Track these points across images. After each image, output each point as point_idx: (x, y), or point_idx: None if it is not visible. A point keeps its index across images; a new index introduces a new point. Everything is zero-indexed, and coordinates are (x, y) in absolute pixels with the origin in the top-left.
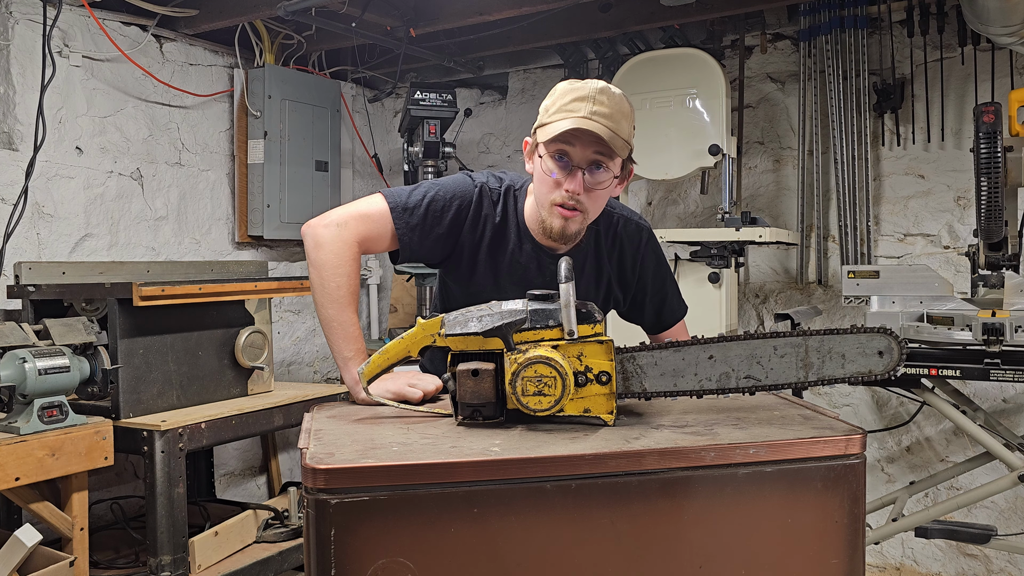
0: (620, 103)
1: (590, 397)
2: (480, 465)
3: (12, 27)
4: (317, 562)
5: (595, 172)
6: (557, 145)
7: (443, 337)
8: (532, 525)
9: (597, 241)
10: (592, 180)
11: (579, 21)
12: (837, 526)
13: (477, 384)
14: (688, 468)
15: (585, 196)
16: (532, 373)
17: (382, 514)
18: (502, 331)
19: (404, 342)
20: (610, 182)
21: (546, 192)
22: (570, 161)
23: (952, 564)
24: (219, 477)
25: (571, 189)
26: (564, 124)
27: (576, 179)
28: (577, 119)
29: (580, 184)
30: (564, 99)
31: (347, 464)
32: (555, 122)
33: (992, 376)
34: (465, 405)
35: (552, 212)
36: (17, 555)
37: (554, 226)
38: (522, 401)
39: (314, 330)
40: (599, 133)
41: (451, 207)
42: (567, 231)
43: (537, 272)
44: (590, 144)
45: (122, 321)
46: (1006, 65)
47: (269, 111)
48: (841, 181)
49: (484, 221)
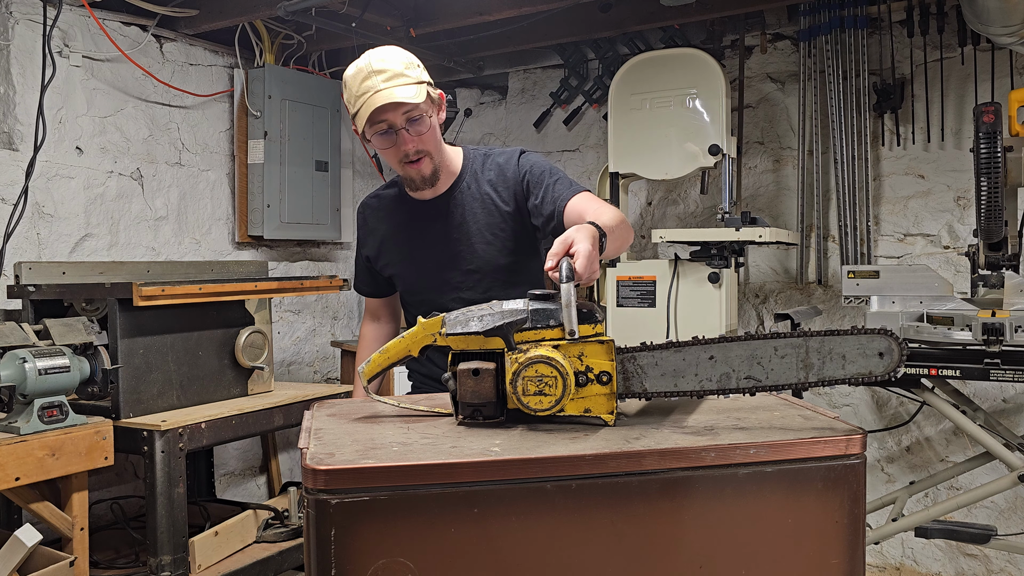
0: (395, 58)
1: (591, 397)
2: (480, 465)
3: (12, 27)
4: (317, 562)
5: (414, 124)
6: (375, 123)
7: (444, 336)
8: (532, 525)
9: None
10: (415, 131)
11: (579, 21)
12: (837, 526)
13: (478, 384)
14: (688, 468)
15: (419, 144)
16: (533, 373)
17: (382, 514)
18: (503, 330)
19: (405, 341)
20: (428, 122)
21: (393, 160)
22: (392, 128)
23: (952, 564)
24: (219, 477)
25: (406, 150)
26: (367, 109)
27: (404, 139)
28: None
29: (409, 141)
30: (355, 84)
31: (347, 465)
32: (360, 109)
33: (992, 376)
34: (466, 405)
35: (406, 170)
36: (17, 555)
37: (414, 177)
38: (523, 401)
39: (314, 330)
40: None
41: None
42: (424, 174)
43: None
44: (396, 109)
45: (122, 321)
46: (1006, 65)
47: (269, 111)
48: (841, 181)
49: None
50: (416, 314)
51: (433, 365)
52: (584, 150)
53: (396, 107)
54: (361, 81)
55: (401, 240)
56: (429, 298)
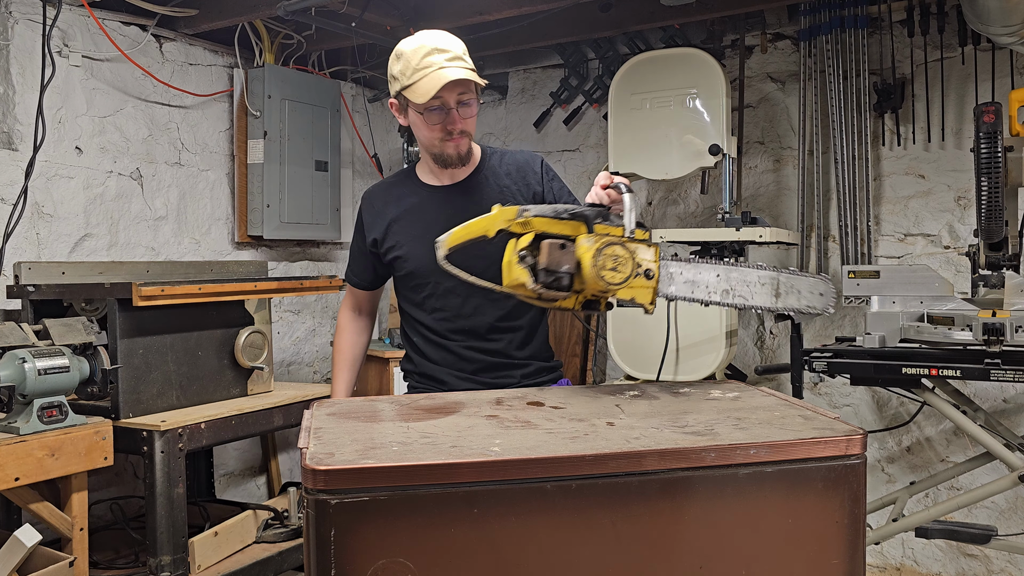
0: (455, 41)
1: (637, 288)
2: (480, 465)
3: (12, 27)
4: (317, 562)
5: (464, 105)
6: (430, 101)
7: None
8: (532, 525)
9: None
10: (465, 112)
11: (579, 21)
12: (838, 526)
13: (563, 254)
14: (688, 468)
15: (465, 124)
16: (611, 252)
17: (382, 514)
18: (586, 217)
19: (483, 222)
20: (476, 106)
21: (434, 135)
22: (444, 106)
23: (952, 564)
24: (219, 477)
25: (453, 128)
26: (430, 83)
27: (454, 117)
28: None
29: (458, 120)
30: (416, 58)
31: (347, 465)
32: (419, 81)
33: (992, 376)
34: (547, 272)
35: (444, 146)
36: (17, 555)
37: (451, 153)
38: (601, 274)
39: (313, 330)
40: (461, 78)
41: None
42: (460, 152)
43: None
44: (455, 88)
45: (122, 321)
46: (1006, 65)
47: (269, 111)
48: (841, 181)
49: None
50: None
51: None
52: (584, 150)
53: (455, 86)
54: (423, 56)
55: (412, 221)
56: (434, 280)
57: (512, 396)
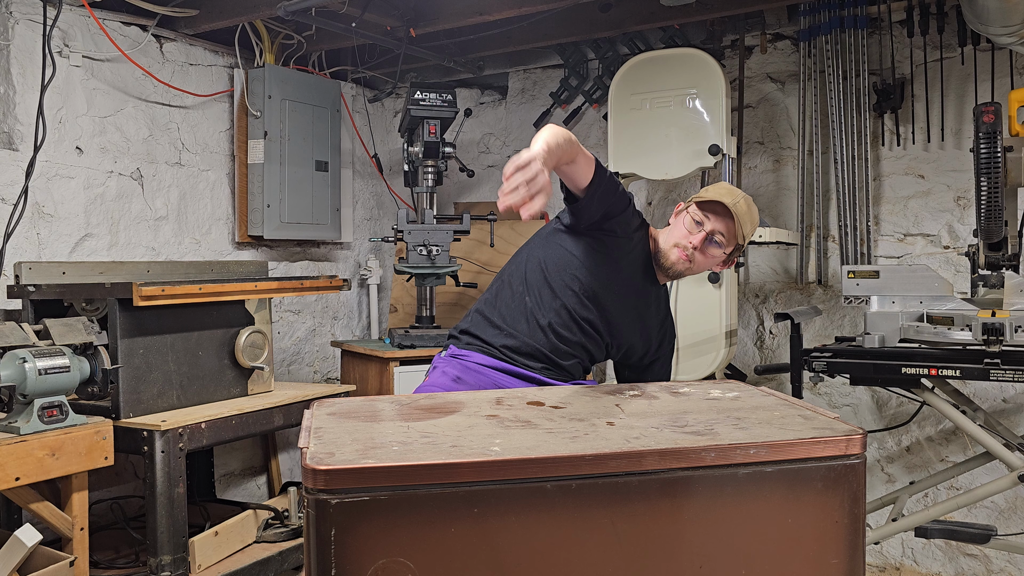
0: (752, 211)
1: None
2: (480, 465)
3: (12, 27)
4: (317, 562)
5: (713, 244)
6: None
7: None
8: (532, 525)
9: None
10: (708, 246)
11: (579, 21)
12: (837, 526)
13: None
14: (688, 468)
15: (699, 254)
16: None
17: (382, 514)
18: None
19: None
20: (718, 255)
21: (677, 237)
22: (703, 225)
23: (952, 564)
24: (219, 477)
25: (695, 243)
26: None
27: (700, 237)
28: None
29: (701, 241)
30: (720, 188)
31: (347, 465)
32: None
33: (992, 376)
34: None
35: (673, 251)
36: (17, 555)
37: (671, 258)
38: None
39: (314, 330)
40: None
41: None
42: (675, 267)
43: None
44: (722, 221)
45: (122, 321)
46: (1006, 65)
47: (269, 111)
48: (841, 181)
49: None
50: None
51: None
52: None
53: (722, 222)
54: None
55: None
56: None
57: (512, 396)
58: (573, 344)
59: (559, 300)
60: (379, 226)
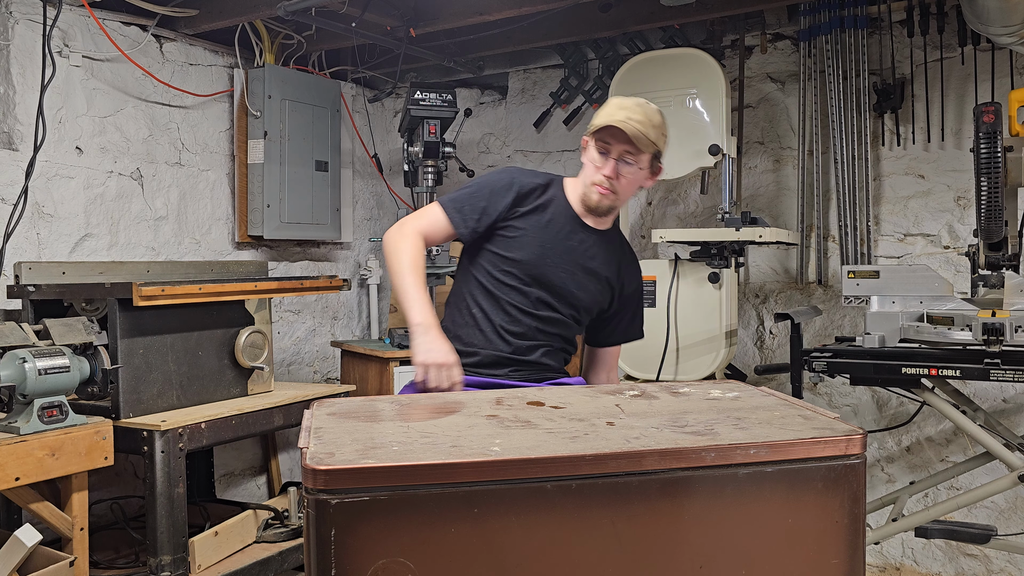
0: (652, 114)
1: None
2: (480, 465)
3: (12, 27)
4: (317, 562)
5: (625, 164)
6: (599, 140)
7: None
8: (532, 525)
9: (615, 250)
10: (622, 169)
11: (579, 21)
12: (837, 526)
13: None
14: (688, 468)
15: (616, 182)
16: None
17: (382, 514)
18: None
19: None
20: (636, 172)
21: (590, 175)
22: (608, 152)
23: (952, 564)
24: (219, 477)
25: (607, 173)
26: (603, 120)
27: (610, 165)
28: (613, 119)
29: (613, 170)
30: (610, 107)
31: (347, 465)
32: (600, 118)
33: (992, 376)
34: None
35: (591, 189)
36: (17, 555)
37: (592, 198)
38: None
39: (314, 330)
40: (628, 132)
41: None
42: (601, 204)
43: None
44: (622, 141)
45: (122, 321)
46: (1006, 65)
47: (269, 111)
48: (841, 181)
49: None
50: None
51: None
52: None
53: (622, 140)
54: (618, 107)
55: (549, 225)
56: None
57: (512, 396)
58: (531, 334)
59: (502, 300)
60: (379, 226)
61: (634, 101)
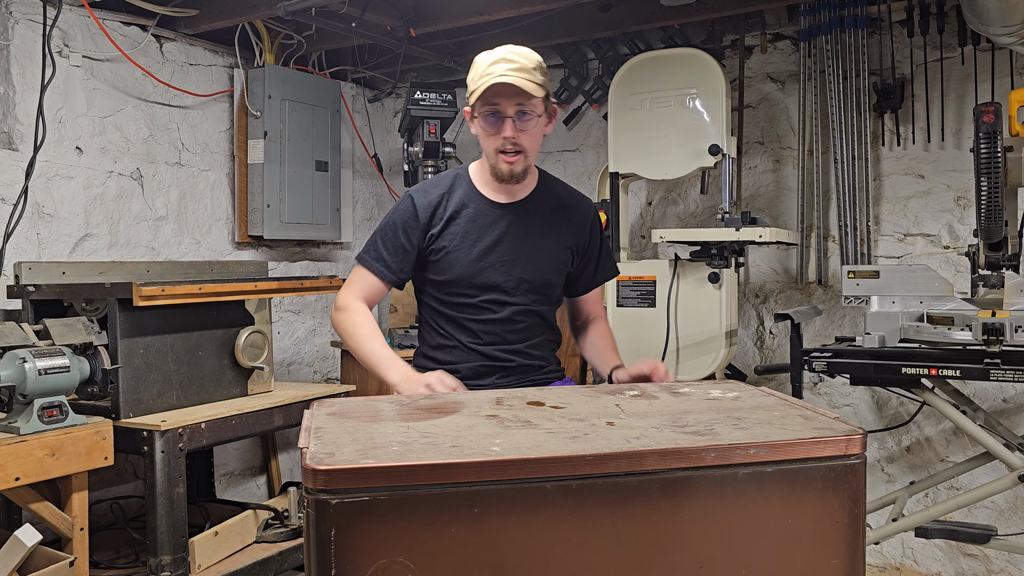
0: (528, 56)
1: None
2: (480, 465)
3: (12, 27)
4: (317, 562)
5: (522, 118)
6: (487, 104)
7: None
8: (532, 525)
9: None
10: (522, 124)
11: (579, 21)
12: (837, 526)
13: None
14: (688, 468)
15: (520, 138)
16: None
17: (382, 514)
18: None
19: None
20: (536, 121)
21: (489, 145)
22: (500, 114)
23: (952, 564)
24: (219, 477)
25: (507, 136)
26: (484, 85)
27: (508, 127)
28: (494, 78)
29: (513, 129)
30: (483, 65)
31: (347, 465)
32: (479, 87)
33: (992, 376)
34: None
35: (498, 160)
36: (17, 555)
37: (503, 169)
38: None
39: (314, 330)
40: (515, 84)
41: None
42: (514, 171)
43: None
44: (512, 96)
45: (122, 321)
46: (1006, 65)
47: (269, 111)
48: (841, 181)
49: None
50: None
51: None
52: (584, 150)
53: (511, 94)
54: (490, 64)
55: (468, 229)
56: (467, 292)
57: (512, 396)
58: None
59: (460, 319)
60: None
61: (501, 52)
